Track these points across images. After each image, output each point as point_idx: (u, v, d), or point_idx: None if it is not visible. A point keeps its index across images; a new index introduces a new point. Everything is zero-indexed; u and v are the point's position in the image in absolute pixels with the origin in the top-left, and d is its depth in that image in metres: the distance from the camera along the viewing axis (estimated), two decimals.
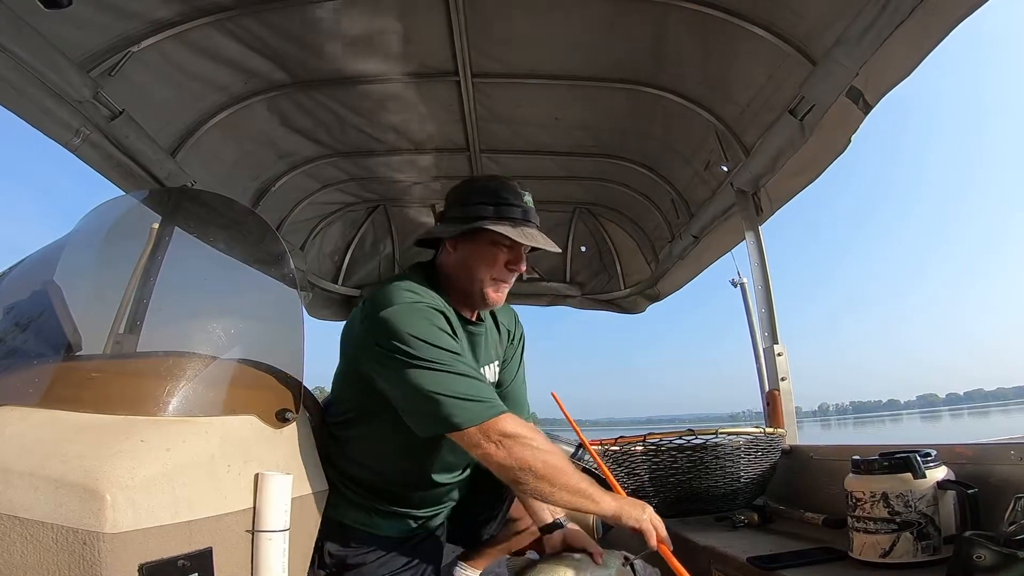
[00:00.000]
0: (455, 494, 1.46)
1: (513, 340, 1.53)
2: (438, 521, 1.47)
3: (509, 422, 1.16)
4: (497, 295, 1.35)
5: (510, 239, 1.28)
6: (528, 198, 1.35)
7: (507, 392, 1.49)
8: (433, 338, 1.16)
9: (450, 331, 1.23)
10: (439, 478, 1.36)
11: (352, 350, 1.30)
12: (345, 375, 1.35)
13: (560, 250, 1.32)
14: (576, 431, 1.96)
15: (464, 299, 1.36)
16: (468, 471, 1.44)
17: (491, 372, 1.44)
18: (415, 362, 1.14)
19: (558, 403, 1.99)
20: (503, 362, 1.50)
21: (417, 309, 1.20)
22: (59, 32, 1.63)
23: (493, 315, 1.49)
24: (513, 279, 1.37)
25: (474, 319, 1.41)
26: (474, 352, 1.38)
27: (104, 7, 1.66)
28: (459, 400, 1.13)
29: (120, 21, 1.73)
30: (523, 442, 1.14)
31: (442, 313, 1.24)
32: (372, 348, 1.20)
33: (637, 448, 1.95)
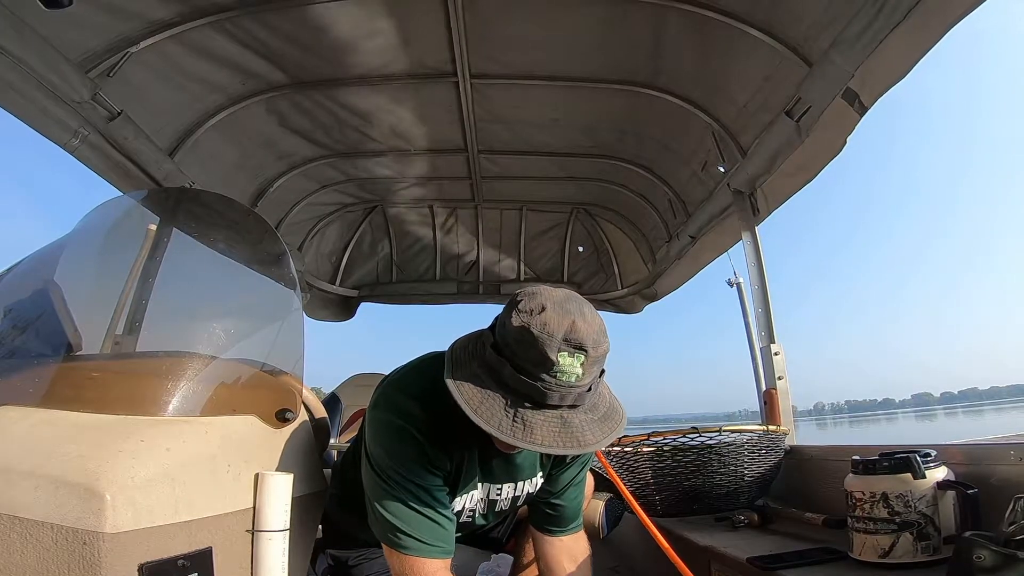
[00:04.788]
0: None
1: (564, 457, 1.27)
2: None
3: (428, 568, 1.05)
4: (503, 448, 1.11)
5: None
6: (572, 372, 0.91)
7: (556, 503, 1.32)
8: (401, 467, 1.05)
9: (428, 465, 1.07)
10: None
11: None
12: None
13: (577, 453, 1.04)
14: None
15: None
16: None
17: (531, 485, 1.28)
18: (378, 477, 1.07)
19: None
20: (548, 472, 1.30)
21: (402, 432, 1.05)
22: (58, 32, 1.62)
23: None
24: None
25: None
26: (506, 466, 1.21)
27: (103, 7, 1.66)
28: (396, 526, 1.04)
29: (119, 22, 1.74)
30: None
31: (430, 446, 1.06)
32: (364, 438, 1.13)
33: (641, 447, 1.94)
